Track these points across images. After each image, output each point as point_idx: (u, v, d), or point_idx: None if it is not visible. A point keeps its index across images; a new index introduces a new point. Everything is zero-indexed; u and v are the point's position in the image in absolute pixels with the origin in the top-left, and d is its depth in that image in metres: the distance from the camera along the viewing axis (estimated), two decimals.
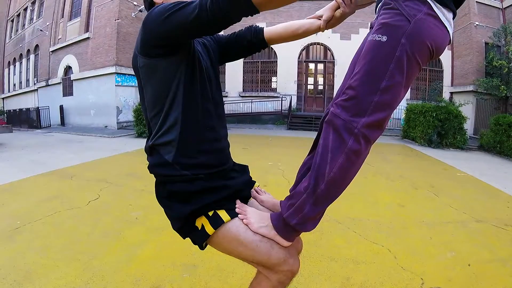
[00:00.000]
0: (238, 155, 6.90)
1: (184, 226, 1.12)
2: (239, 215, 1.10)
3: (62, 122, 16.95)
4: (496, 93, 13.14)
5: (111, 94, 14.45)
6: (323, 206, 1.05)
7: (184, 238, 1.18)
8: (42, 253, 2.67)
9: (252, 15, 0.92)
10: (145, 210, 3.73)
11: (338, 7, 1.26)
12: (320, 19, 1.31)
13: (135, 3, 14.60)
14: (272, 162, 6.87)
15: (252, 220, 1.09)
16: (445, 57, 16.42)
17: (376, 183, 5.41)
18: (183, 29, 0.93)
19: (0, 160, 7.37)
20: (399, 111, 14.58)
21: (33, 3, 22.39)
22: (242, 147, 9.04)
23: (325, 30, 1.33)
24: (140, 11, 14.49)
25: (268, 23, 17.37)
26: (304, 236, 2.85)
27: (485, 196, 4.88)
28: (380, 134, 1.03)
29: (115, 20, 13.98)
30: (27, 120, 18.28)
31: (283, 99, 16.66)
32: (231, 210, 1.10)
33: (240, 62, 18.22)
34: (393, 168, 6.71)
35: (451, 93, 16.32)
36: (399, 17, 1.01)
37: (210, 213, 1.08)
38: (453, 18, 1.08)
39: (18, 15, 24.78)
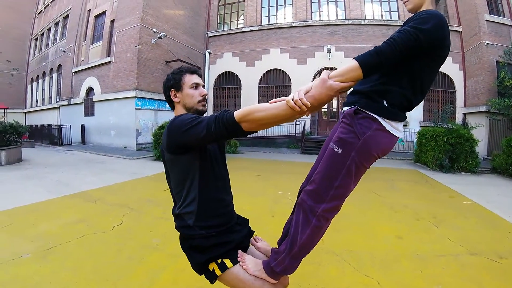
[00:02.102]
0: (251, 182, 7.45)
1: (201, 269, 1.57)
2: (240, 262, 1.54)
3: (83, 141, 17.60)
4: (509, 113, 13.01)
5: (131, 116, 14.94)
6: (298, 260, 1.51)
7: (200, 275, 1.62)
8: (75, 273, 3.04)
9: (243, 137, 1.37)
10: (164, 237, 4.06)
11: None
12: None
13: (154, 30, 15.19)
14: (283, 191, 7.01)
15: (249, 266, 1.54)
16: (458, 77, 16.46)
17: (380, 214, 5.51)
18: (196, 141, 1.38)
19: (27, 178, 7.98)
20: (413, 134, 14.44)
21: (57, 24, 23.58)
22: (255, 174, 9.26)
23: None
24: (160, 37, 15.04)
25: (282, 48, 18.11)
26: (303, 267, 3.26)
27: (486, 227, 4.92)
28: (336, 213, 1.46)
29: (135, 46, 14.59)
30: (48, 136, 19.10)
31: (297, 123, 16.76)
32: (234, 259, 1.55)
33: (255, 86, 18.72)
34: (399, 197, 6.78)
35: (465, 114, 16.22)
36: (352, 134, 1.39)
37: (219, 261, 1.53)
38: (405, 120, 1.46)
39: (42, 34, 26.08)
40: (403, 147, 15.84)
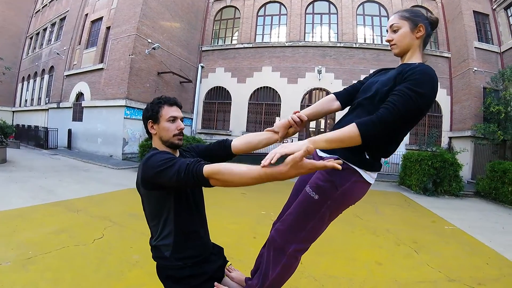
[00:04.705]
0: (236, 201, 7.38)
1: None
2: None
3: (69, 146, 17.34)
4: (494, 138, 13.30)
5: (119, 125, 14.80)
6: None
7: None
8: (54, 285, 3.03)
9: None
10: (144, 254, 3.95)
11: (291, 126, 1.69)
12: (276, 133, 1.76)
13: (149, 40, 15.25)
14: (266, 211, 6.96)
15: None
16: (444, 102, 16.79)
17: (362, 238, 5.51)
18: (167, 184, 1.40)
19: (12, 181, 7.96)
20: (398, 157, 14.58)
21: (53, 25, 23.52)
22: (241, 192, 9.18)
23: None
24: (154, 49, 15.07)
25: (274, 66, 18.32)
26: None
27: (466, 252, 5.02)
28: (305, 252, 1.51)
29: (129, 55, 14.58)
30: (35, 137, 18.87)
31: (284, 141, 16.47)
32: None
33: (245, 103, 18.75)
34: (381, 221, 6.81)
35: (450, 138, 16.50)
36: (329, 184, 1.42)
37: None
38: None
39: (37, 34, 25.98)
40: (389, 169, 15.99)
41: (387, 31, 1.61)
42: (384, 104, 1.30)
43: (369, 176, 1.43)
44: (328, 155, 1.49)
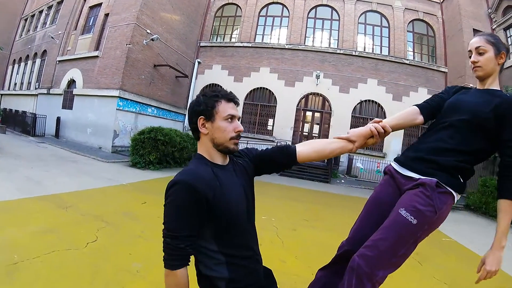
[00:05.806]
0: None
1: None
2: None
3: (57, 134, 16.82)
4: None
5: (110, 116, 14.35)
6: None
7: None
8: None
9: None
10: (145, 262, 3.66)
11: (371, 136, 1.54)
12: (351, 142, 1.55)
13: (148, 31, 14.90)
14: (266, 216, 6.76)
15: None
16: None
17: None
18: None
19: None
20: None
21: (49, 7, 22.91)
22: None
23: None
24: (152, 40, 14.73)
25: (272, 68, 18.20)
26: None
27: (466, 264, 5.02)
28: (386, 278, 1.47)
29: (126, 44, 14.22)
30: (22, 123, 18.28)
31: (278, 143, 16.41)
32: None
33: (240, 102, 18.31)
34: None
35: None
36: (430, 208, 1.41)
37: None
38: None
39: (33, 16, 25.31)
40: (381, 178, 16.01)
41: (469, 51, 1.64)
42: (509, 161, 1.43)
43: (457, 198, 1.49)
44: (428, 178, 1.47)
